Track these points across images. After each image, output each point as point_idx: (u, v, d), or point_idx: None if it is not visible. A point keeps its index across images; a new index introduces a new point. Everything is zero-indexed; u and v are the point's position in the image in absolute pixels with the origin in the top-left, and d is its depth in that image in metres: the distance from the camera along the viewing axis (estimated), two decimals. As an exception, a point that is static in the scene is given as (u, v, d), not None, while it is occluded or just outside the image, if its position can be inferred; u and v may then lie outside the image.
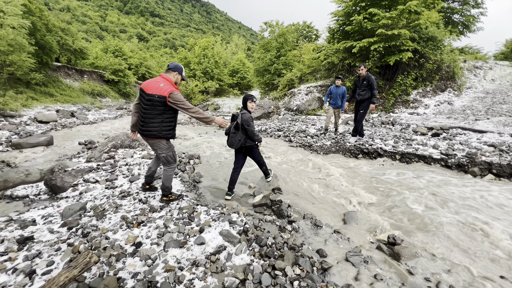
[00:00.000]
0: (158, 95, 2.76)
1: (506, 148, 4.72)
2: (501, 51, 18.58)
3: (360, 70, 5.73)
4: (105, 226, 2.70)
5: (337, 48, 11.81)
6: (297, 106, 13.48)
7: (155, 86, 2.81)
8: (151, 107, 2.82)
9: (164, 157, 3.09)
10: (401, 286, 1.96)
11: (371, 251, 2.48)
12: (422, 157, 4.99)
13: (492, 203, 3.32)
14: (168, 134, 2.99)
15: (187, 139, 8.19)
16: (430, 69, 10.98)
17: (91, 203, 3.31)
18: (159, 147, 3.03)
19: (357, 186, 4.20)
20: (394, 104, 11.05)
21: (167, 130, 2.96)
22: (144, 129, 2.91)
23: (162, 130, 2.91)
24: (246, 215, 3.07)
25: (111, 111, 18.83)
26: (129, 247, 2.32)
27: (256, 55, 23.14)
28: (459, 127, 6.79)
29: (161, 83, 2.82)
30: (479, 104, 9.74)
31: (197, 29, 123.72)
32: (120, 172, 4.43)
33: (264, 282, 1.90)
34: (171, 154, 3.12)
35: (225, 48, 42.67)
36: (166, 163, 3.16)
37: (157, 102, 2.79)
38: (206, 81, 25.38)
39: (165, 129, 2.93)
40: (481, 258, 2.35)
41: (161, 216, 2.90)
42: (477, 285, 2.02)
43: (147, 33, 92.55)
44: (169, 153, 3.10)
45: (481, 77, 12.53)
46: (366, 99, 5.80)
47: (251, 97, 3.44)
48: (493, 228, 2.75)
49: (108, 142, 5.77)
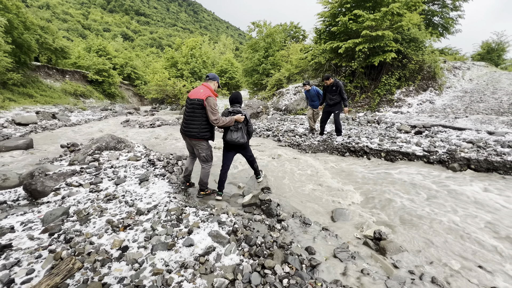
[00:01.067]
0: (197, 99, 3.26)
1: (483, 145, 4.95)
2: (477, 52, 19.49)
3: (326, 82, 6.33)
4: (89, 231, 2.61)
5: (324, 48, 11.99)
6: (285, 106, 13.58)
7: (197, 92, 3.34)
8: (192, 110, 3.32)
9: (203, 156, 3.56)
10: (386, 280, 2.02)
11: (358, 247, 2.54)
12: (406, 154, 5.16)
13: (468, 197, 3.48)
14: (206, 135, 3.41)
15: (175, 140, 8.07)
16: (412, 69, 11.36)
17: (74, 207, 3.19)
18: (200, 147, 3.49)
19: (344, 183, 4.29)
20: (379, 103, 11.35)
21: (205, 131, 3.38)
22: (186, 130, 3.41)
23: (200, 131, 3.35)
24: (236, 215, 3.06)
25: (96, 112, 18.26)
26: (115, 252, 2.26)
27: (244, 55, 23.12)
28: (440, 125, 7.07)
29: (201, 89, 3.35)
30: (458, 102, 10.18)
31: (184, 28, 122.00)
32: (105, 174, 4.30)
33: (253, 281, 1.90)
34: (209, 153, 3.59)
35: (213, 48, 42.33)
36: (204, 161, 3.62)
37: (197, 106, 3.27)
38: (194, 81, 25.09)
39: (203, 130, 3.36)
40: (460, 250, 2.46)
41: (148, 219, 2.84)
42: (456, 275, 2.11)
43: (132, 32, 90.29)
44: (208, 153, 3.57)
45: (460, 77, 13.11)
46: (337, 102, 6.33)
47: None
48: (467, 220, 2.88)
49: (92, 144, 5.58)
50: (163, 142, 7.85)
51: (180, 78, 24.82)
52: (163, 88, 21.52)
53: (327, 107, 6.59)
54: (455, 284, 2.01)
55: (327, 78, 6.26)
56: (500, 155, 4.38)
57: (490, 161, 4.30)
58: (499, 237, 2.61)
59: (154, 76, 23.05)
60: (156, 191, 3.71)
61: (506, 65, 19.29)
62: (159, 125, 11.85)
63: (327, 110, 6.60)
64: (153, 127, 11.49)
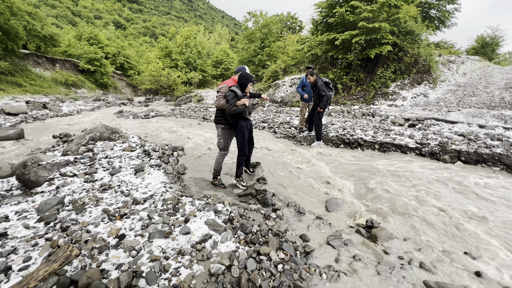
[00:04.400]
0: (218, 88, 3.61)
1: (473, 138, 5.07)
2: (472, 46, 19.62)
3: (308, 79, 5.93)
4: (85, 220, 2.62)
5: (321, 40, 11.91)
6: (281, 97, 13.55)
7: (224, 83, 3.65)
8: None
9: (218, 142, 3.78)
10: (377, 265, 2.10)
11: (351, 235, 2.62)
12: (399, 146, 5.25)
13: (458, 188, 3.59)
14: (219, 120, 3.65)
15: (171, 131, 8.01)
16: (408, 62, 11.41)
17: (70, 197, 3.18)
18: (217, 132, 3.77)
19: (338, 174, 4.36)
20: (375, 96, 11.43)
21: (219, 117, 3.65)
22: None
23: (216, 117, 3.67)
24: (232, 205, 3.10)
25: (88, 103, 17.90)
26: (112, 240, 2.28)
27: (240, 46, 22.81)
28: (433, 118, 7.18)
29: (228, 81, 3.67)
30: (451, 96, 10.32)
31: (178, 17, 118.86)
32: (100, 165, 4.27)
33: (249, 267, 1.95)
34: (222, 141, 3.74)
35: (208, 38, 41.44)
36: (219, 148, 3.81)
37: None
38: (188, 72, 24.70)
39: (218, 116, 3.65)
40: (446, 236, 2.56)
41: (144, 208, 2.86)
42: (443, 260, 2.21)
43: (125, 20, 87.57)
44: (220, 140, 3.74)
45: (454, 70, 13.23)
46: (317, 104, 5.88)
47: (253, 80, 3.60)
48: (455, 210, 2.99)
49: (85, 135, 5.51)
50: (158, 133, 7.79)
51: (175, 68, 24.40)
52: (157, 78, 21.18)
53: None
54: (441, 268, 2.11)
55: (311, 74, 5.79)
56: (489, 148, 4.50)
57: (479, 153, 4.42)
58: (483, 225, 2.72)
59: (147, 66, 22.63)
60: (152, 181, 3.72)
61: (500, 59, 19.53)
62: (153, 116, 11.73)
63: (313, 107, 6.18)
64: (148, 118, 11.36)
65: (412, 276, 1.99)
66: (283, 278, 1.88)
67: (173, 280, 1.81)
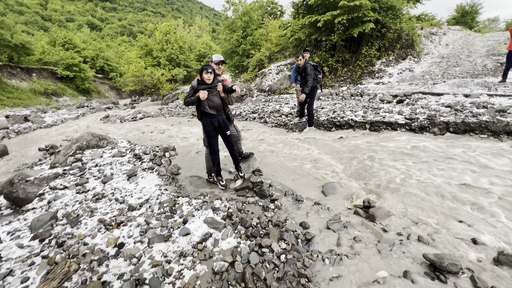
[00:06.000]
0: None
1: (460, 108, 5.15)
2: (452, 16, 19.73)
3: (298, 60, 5.70)
4: (81, 232, 2.56)
5: (303, 23, 11.69)
6: (269, 86, 13.41)
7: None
8: None
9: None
10: (377, 244, 2.14)
11: (349, 217, 2.65)
12: (389, 123, 5.30)
13: (447, 158, 3.67)
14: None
15: (161, 132, 7.86)
16: (391, 38, 11.38)
17: (63, 210, 3.10)
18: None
19: (332, 157, 4.39)
20: (361, 75, 11.43)
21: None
22: None
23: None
24: (229, 200, 3.09)
25: (72, 111, 17.35)
26: (111, 249, 2.24)
27: (222, 37, 22.23)
28: (420, 92, 7.25)
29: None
30: (436, 68, 10.42)
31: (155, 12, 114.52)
32: (91, 174, 4.16)
33: (252, 261, 1.96)
34: (204, 138, 3.63)
35: (188, 31, 40.22)
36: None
37: None
38: (172, 69, 24.07)
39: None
40: (442, 208, 2.63)
41: (141, 214, 2.81)
42: (440, 231, 2.27)
43: (99, 21, 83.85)
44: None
45: (437, 42, 13.31)
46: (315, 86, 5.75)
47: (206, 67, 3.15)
48: (448, 180, 3.06)
49: (72, 145, 5.34)
50: (148, 135, 7.63)
51: (157, 66, 23.72)
52: (141, 78, 20.58)
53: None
54: (438, 239, 2.16)
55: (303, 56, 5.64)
56: (475, 116, 4.59)
57: (467, 123, 4.51)
58: (476, 193, 2.80)
59: (129, 66, 21.88)
60: (146, 185, 3.65)
61: (480, 27, 19.73)
62: (141, 117, 11.47)
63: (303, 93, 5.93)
64: (135, 120, 11.11)
65: (412, 251, 2.04)
66: (287, 268, 1.89)
67: (177, 283, 1.80)
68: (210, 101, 3.21)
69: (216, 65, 3.37)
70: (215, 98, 3.25)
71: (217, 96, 3.29)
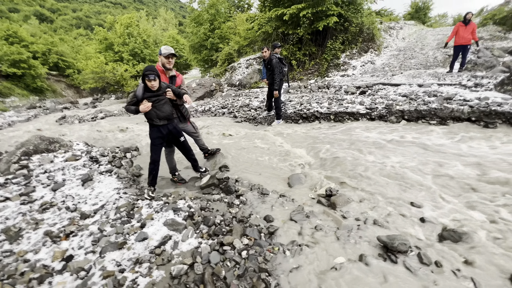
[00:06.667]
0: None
1: (414, 97, 5.54)
2: (408, 12, 21.13)
3: (263, 53, 5.64)
4: (22, 248, 2.29)
5: (269, 16, 11.66)
6: (239, 80, 13.26)
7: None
8: None
9: None
10: (336, 231, 2.21)
11: (312, 206, 2.71)
12: (352, 114, 5.53)
13: (402, 144, 3.92)
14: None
15: (123, 131, 7.37)
16: (354, 32, 11.85)
17: (1, 225, 2.74)
18: None
19: (298, 149, 4.46)
20: (328, 68, 11.78)
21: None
22: None
23: None
24: (194, 199, 2.98)
25: (21, 113, 15.57)
26: (57, 264, 2.03)
27: (189, 30, 21.43)
28: (380, 83, 7.66)
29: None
30: (394, 61, 11.10)
31: (115, 3, 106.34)
32: (38, 182, 3.74)
33: (212, 260, 1.90)
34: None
35: (152, 24, 38.12)
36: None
37: None
38: (137, 64, 22.68)
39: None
40: (393, 191, 2.80)
41: (94, 221, 2.59)
42: (393, 214, 2.40)
43: (50, 12, 75.63)
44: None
45: (395, 36, 14.16)
46: (272, 83, 5.72)
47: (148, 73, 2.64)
48: (402, 164, 3.27)
49: (16, 150, 4.75)
50: (108, 135, 7.11)
51: (120, 62, 22.16)
52: (101, 75, 19.10)
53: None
54: (392, 221, 2.29)
55: (272, 49, 5.55)
56: (426, 104, 4.96)
57: (419, 111, 4.85)
58: (428, 175, 3.02)
59: (87, 62, 20.14)
60: (103, 189, 3.39)
61: (431, 22, 21.40)
62: (102, 117, 10.68)
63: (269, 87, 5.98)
64: (96, 120, 10.31)
65: (368, 234, 2.13)
66: (248, 264, 1.86)
67: (130, 293, 1.68)
68: (159, 111, 2.83)
69: (166, 59, 3.05)
70: (165, 108, 2.88)
71: (168, 104, 2.93)
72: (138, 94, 2.73)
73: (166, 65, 3.09)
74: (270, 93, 6.20)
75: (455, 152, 3.48)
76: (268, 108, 6.62)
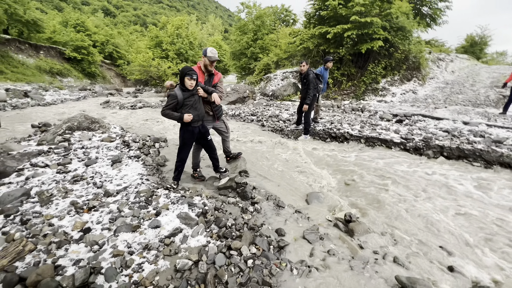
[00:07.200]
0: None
1: (457, 134, 5.11)
2: (461, 45, 19.87)
3: (301, 67, 5.62)
4: (50, 213, 2.47)
5: (313, 33, 11.75)
6: (272, 91, 13.40)
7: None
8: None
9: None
10: (350, 260, 2.06)
11: (328, 229, 2.57)
12: (384, 141, 5.24)
13: (438, 182, 3.60)
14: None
15: (156, 122, 7.79)
16: (398, 58, 11.42)
17: (37, 188, 3.01)
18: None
19: (322, 168, 4.31)
20: (365, 91, 11.43)
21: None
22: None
23: None
24: (209, 198, 3.00)
25: (74, 92, 17.29)
26: (76, 234, 2.15)
27: (233, 37, 22.38)
28: (420, 114, 7.23)
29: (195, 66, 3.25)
30: (439, 93, 10.42)
31: (171, 6, 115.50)
32: (75, 155, 4.07)
33: (218, 262, 1.87)
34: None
35: (200, 28, 40.52)
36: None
37: None
38: (179, 63, 24.08)
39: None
40: (423, 231, 2.55)
41: (115, 201, 2.73)
42: (418, 255, 2.18)
43: (114, 8, 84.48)
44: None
45: (443, 68, 13.37)
46: (305, 97, 5.64)
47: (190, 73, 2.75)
48: (434, 205, 2.99)
49: (63, 124, 5.25)
50: (143, 124, 7.56)
51: (165, 59, 23.74)
52: (147, 69, 20.59)
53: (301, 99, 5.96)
54: (415, 262, 2.08)
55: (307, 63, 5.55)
56: (471, 144, 4.53)
57: (461, 149, 4.45)
58: (463, 220, 2.72)
59: (137, 56, 21.90)
60: (129, 172, 3.57)
61: (487, 59, 19.86)
62: (140, 107, 11.41)
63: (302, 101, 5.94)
64: (134, 109, 11.04)
65: (385, 271, 1.95)
66: (252, 274, 1.80)
67: (134, 277, 1.71)
68: (197, 111, 2.93)
69: (210, 62, 3.17)
70: (200, 107, 2.98)
71: (200, 103, 3.00)
72: (179, 95, 2.78)
73: (208, 67, 3.22)
74: (301, 107, 6.15)
75: (503, 204, 3.09)
76: (297, 121, 6.56)
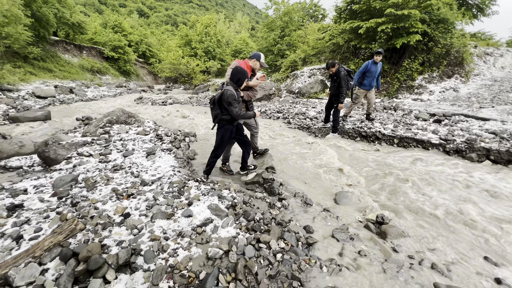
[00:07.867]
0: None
1: (507, 136, 4.61)
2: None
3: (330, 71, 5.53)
4: (95, 197, 2.71)
5: (343, 28, 11.31)
6: (299, 88, 13.20)
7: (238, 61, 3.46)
8: None
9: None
10: (383, 262, 1.98)
11: (358, 229, 2.49)
12: (420, 141, 4.91)
13: (482, 188, 3.29)
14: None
15: (185, 118, 8.11)
16: (438, 53, 10.55)
17: (83, 175, 3.31)
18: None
19: (352, 167, 4.17)
20: (398, 89, 10.76)
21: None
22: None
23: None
24: (237, 192, 3.07)
25: (111, 89, 18.63)
26: (117, 217, 2.33)
27: (260, 34, 22.41)
28: (462, 114, 6.63)
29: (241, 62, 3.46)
30: (485, 91, 9.46)
31: (200, 5, 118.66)
32: (114, 147, 4.41)
33: (247, 253, 1.91)
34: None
35: (228, 26, 41.10)
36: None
37: None
38: (207, 61, 24.73)
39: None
40: (465, 238, 2.36)
41: (151, 190, 2.90)
42: (459, 263, 2.03)
43: (148, 9, 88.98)
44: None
45: (491, 64, 12.09)
46: (335, 94, 5.58)
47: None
48: (479, 212, 2.74)
49: (103, 118, 5.71)
50: (173, 119, 7.91)
51: (194, 57, 24.52)
52: (177, 67, 21.44)
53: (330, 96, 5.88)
54: (456, 271, 1.94)
55: (333, 66, 5.43)
56: (524, 147, 4.07)
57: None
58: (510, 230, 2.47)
59: (168, 54, 22.92)
60: (162, 164, 3.77)
61: (546, 52, 17.51)
62: (170, 103, 11.94)
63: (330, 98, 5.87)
64: (165, 105, 11.59)
65: (422, 277, 1.85)
66: (281, 268, 1.82)
67: (170, 260, 1.82)
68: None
69: (260, 67, 3.49)
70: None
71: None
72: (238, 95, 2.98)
73: (256, 70, 3.55)
74: (329, 105, 6.00)
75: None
76: (325, 119, 6.40)
